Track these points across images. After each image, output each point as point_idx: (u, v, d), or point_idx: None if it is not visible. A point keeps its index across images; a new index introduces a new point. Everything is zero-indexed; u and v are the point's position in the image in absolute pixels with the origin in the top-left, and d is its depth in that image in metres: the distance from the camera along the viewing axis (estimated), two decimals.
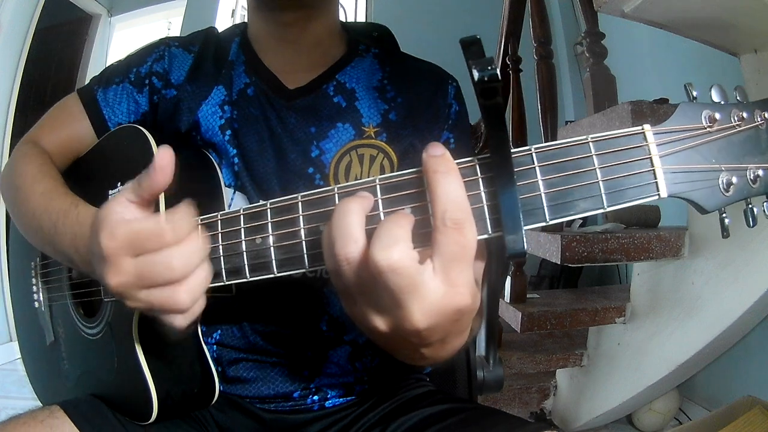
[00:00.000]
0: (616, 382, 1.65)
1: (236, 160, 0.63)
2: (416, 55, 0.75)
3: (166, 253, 0.38)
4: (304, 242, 0.39)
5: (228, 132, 0.64)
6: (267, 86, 0.66)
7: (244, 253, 0.41)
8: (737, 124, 0.34)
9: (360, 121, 0.66)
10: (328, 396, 0.66)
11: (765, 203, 0.35)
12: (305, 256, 0.39)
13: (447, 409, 0.61)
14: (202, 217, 0.44)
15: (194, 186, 0.60)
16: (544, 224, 0.34)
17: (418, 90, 0.69)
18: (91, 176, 0.67)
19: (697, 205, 0.34)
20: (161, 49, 0.69)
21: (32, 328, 0.76)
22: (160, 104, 0.67)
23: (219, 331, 0.64)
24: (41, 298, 0.74)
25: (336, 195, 0.38)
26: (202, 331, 0.62)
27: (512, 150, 0.34)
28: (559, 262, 1.36)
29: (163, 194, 0.54)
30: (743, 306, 1.28)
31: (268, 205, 0.41)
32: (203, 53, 0.69)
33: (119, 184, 0.59)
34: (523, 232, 0.33)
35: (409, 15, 3.65)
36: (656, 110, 1.17)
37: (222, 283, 0.43)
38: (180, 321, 0.41)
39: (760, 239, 1.22)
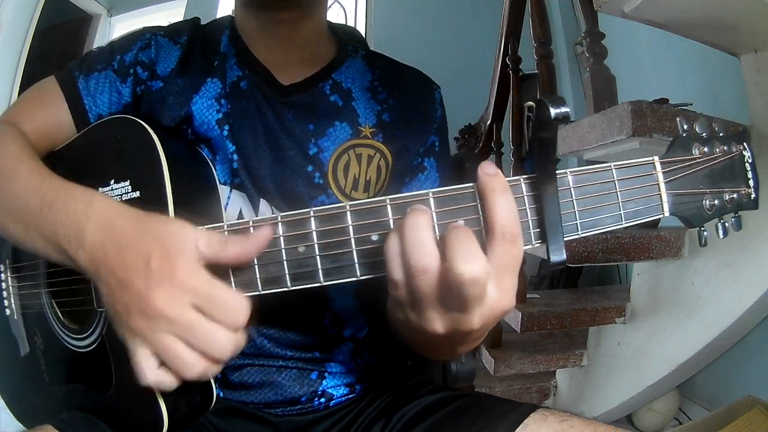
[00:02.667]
0: (616, 382, 1.64)
1: (236, 156, 0.62)
2: (416, 55, 0.75)
3: (228, 335, 0.39)
4: (354, 251, 0.39)
5: (226, 127, 0.62)
6: (260, 80, 0.65)
7: (285, 262, 0.40)
8: (719, 155, 0.42)
9: (357, 121, 0.66)
10: (334, 396, 0.66)
11: (733, 219, 0.43)
12: (356, 265, 0.40)
13: (445, 396, 0.62)
14: (229, 222, 0.42)
15: (189, 183, 0.55)
16: (576, 236, 0.40)
17: (407, 92, 0.70)
18: (77, 171, 0.58)
19: (688, 222, 0.42)
20: (147, 37, 0.65)
21: (3, 338, 0.68)
22: (143, 97, 0.63)
23: None
24: (13, 305, 0.67)
25: (388, 206, 0.39)
26: None
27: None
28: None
29: (171, 196, 0.50)
30: (743, 306, 1.28)
31: (312, 213, 0.40)
32: (192, 45, 0.66)
33: (112, 181, 0.54)
34: (563, 243, 0.37)
35: (409, 15, 3.65)
36: (656, 110, 1.16)
37: (258, 293, 0.42)
38: (166, 379, 0.41)
39: (760, 240, 1.22)
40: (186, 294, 0.38)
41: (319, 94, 0.66)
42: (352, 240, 0.39)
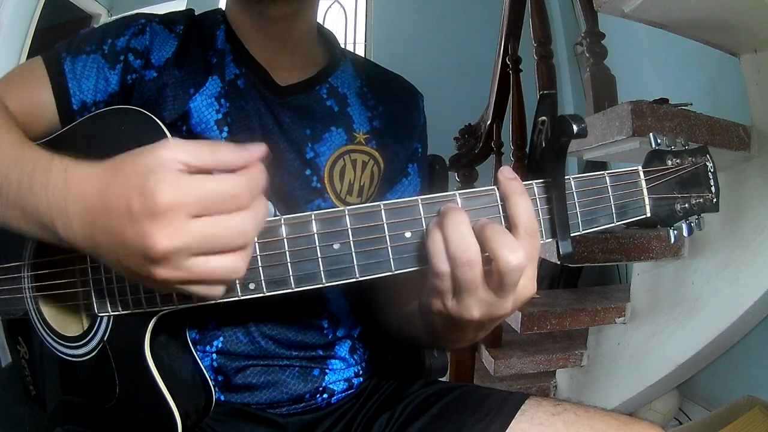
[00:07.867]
0: (616, 382, 1.64)
1: None
2: (416, 54, 0.76)
3: (242, 216, 0.36)
4: (389, 248, 0.42)
5: (225, 129, 0.61)
6: (258, 79, 0.64)
7: (320, 259, 0.41)
8: (687, 166, 0.48)
9: (352, 127, 0.67)
10: (335, 392, 0.67)
11: (696, 219, 0.49)
12: (391, 260, 0.42)
13: (441, 389, 0.64)
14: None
15: None
16: (578, 233, 0.45)
17: (394, 100, 0.71)
18: None
19: (663, 221, 0.48)
20: (141, 22, 0.62)
21: None
22: (135, 86, 0.60)
23: (221, 338, 0.61)
24: None
25: (420, 205, 0.42)
26: (195, 339, 0.59)
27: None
28: (558, 262, 1.35)
29: None
30: (743, 306, 1.28)
31: (347, 212, 0.41)
32: (189, 36, 0.63)
33: None
34: (570, 239, 0.43)
35: (409, 15, 3.65)
36: (656, 110, 1.16)
37: (291, 290, 0.42)
38: (219, 291, 0.38)
39: (760, 239, 1.22)
40: (178, 215, 0.34)
41: (315, 98, 0.66)
42: (387, 237, 0.41)
